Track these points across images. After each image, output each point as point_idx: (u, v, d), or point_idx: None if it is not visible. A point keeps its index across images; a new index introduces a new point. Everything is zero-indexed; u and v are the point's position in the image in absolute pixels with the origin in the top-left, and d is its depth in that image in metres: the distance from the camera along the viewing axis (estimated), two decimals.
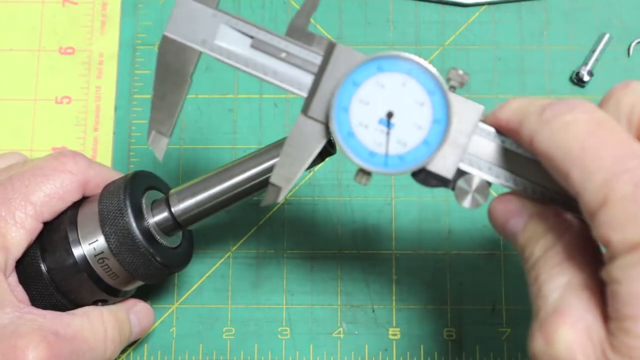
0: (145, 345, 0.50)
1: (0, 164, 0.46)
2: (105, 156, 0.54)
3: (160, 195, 0.45)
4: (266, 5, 0.56)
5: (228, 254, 0.52)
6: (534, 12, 0.56)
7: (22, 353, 0.38)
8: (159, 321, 0.51)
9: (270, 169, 0.41)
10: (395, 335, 0.51)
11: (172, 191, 0.44)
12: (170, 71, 0.39)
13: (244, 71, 0.38)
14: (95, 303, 0.44)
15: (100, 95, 0.55)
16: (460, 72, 0.36)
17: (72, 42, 0.56)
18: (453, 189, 0.37)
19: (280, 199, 0.38)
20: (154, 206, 0.44)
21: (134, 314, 0.47)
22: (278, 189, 0.38)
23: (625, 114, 0.34)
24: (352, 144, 0.37)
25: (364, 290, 0.51)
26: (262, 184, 0.42)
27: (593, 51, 0.54)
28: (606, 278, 0.31)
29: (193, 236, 0.48)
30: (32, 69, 0.55)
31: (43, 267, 0.43)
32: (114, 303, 0.45)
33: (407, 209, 0.52)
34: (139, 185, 0.44)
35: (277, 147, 0.42)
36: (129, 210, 0.42)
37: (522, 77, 0.55)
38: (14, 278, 0.42)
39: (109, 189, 0.43)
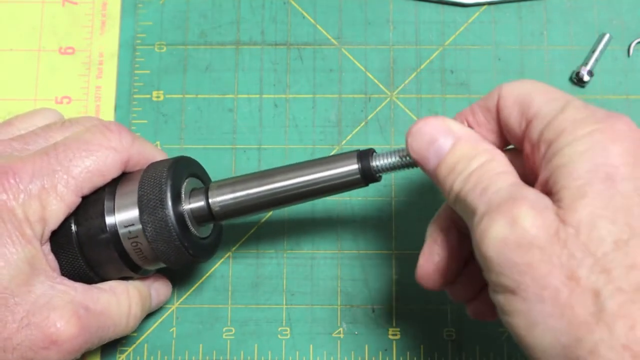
0: (145, 345, 0.50)
1: (38, 122, 0.47)
2: None
3: (201, 185, 0.46)
4: (266, 5, 0.56)
5: (228, 254, 0.52)
6: (534, 12, 0.56)
7: (55, 326, 0.40)
8: (159, 321, 0.51)
9: (311, 183, 0.42)
10: (395, 335, 0.50)
11: (212, 183, 0.45)
12: None
13: None
14: (119, 277, 0.45)
15: (100, 95, 0.55)
16: None
17: (72, 42, 0.56)
18: None
19: None
20: (193, 194, 0.44)
21: (154, 289, 0.48)
22: None
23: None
24: None
25: (364, 290, 0.51)
26: (300, 195, 0.43)
27: (593, 51, 0.54)
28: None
29: (223, 231, 0.49)
30: (32, 69, 0.55)
31: (75, 239, 0.43)
32: (137, 279, 0.46)
33: (407, 209, 0.52)
34: (181, 173, 0.44)
35: (323, 162, 0.43)
36: (169, 203, 0.42)
37: (522, 77, 0.54)
38: (47, 246, 0.42)
39: (151, 174, 0.43)
